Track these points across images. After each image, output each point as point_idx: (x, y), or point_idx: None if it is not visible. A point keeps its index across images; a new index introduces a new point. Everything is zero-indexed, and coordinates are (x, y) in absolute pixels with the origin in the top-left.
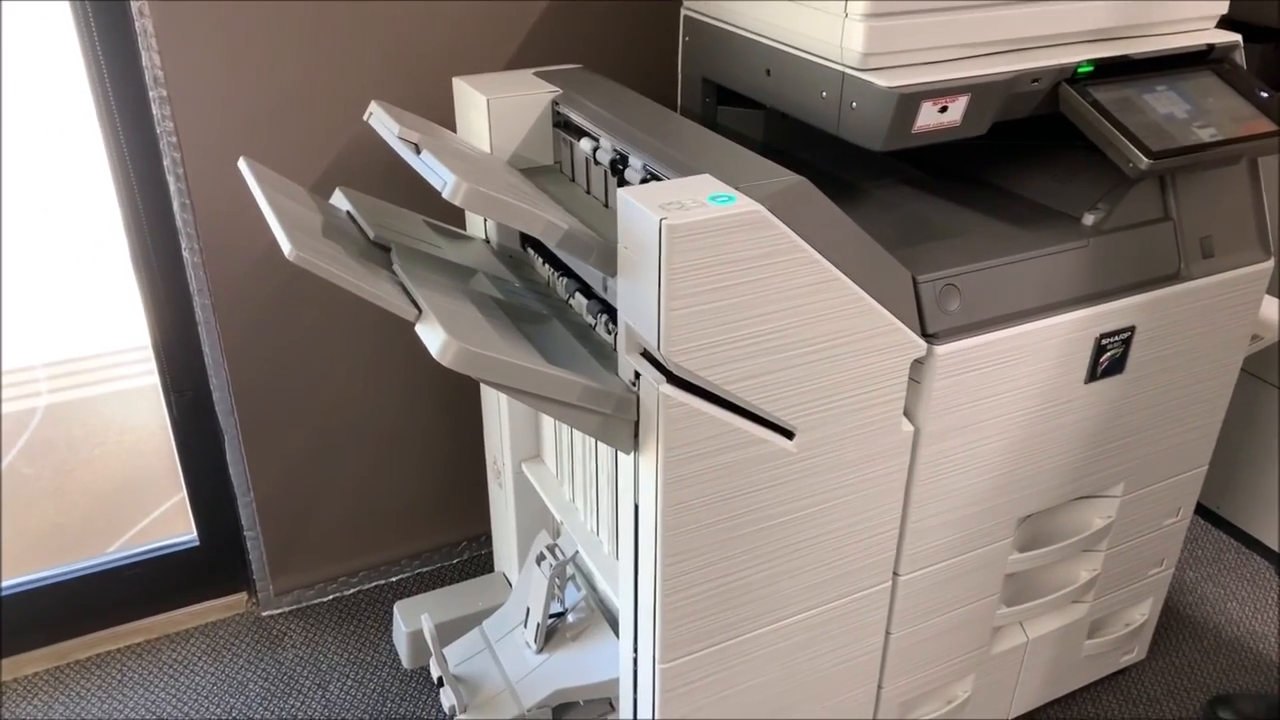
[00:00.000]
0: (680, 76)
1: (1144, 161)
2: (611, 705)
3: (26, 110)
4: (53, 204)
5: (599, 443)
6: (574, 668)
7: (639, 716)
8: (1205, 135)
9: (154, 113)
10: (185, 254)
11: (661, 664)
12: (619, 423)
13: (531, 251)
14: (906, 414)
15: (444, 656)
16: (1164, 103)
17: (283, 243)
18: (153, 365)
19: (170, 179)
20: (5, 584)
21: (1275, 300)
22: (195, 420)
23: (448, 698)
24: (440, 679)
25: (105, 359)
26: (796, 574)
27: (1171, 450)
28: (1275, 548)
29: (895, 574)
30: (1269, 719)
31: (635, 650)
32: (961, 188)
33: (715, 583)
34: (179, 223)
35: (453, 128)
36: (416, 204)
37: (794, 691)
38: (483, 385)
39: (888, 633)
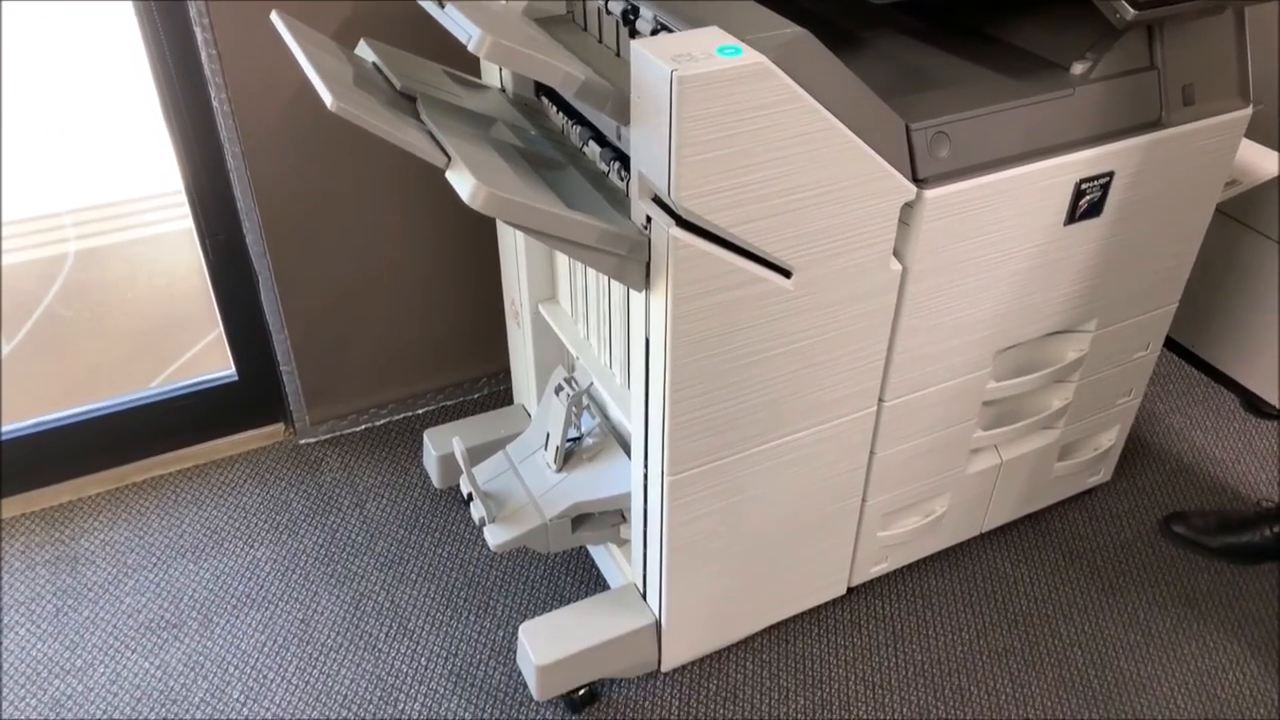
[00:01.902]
0: None
1: (1130, 12)
2: (623, 516)
3: None
4: (80, 53)
5: (611, 284)
6: (590, 483)
7: (649, 524)
8: None
9: None
10: (214, 103)
11: (669, 476)
12: (632, 263)
13: (546, 100)
14: (896, 254)
15: (473, 475)
16: None
17: (324, 95)
18: (176, 211)
19: (197, 29)
20: (63, 414)
21: (1267, 151)
22: (229, 263)
23: (478, 510)
24: (470, 495)
25: (127, 205)
26: (790, 399)
27: (1144, 289)
28: (1242, 382)
29: (880, 400)
30: (1218, 532)
31: (646, 465)
32: (957, 37)
33: (717, 407)
34: (207, 72)
35: None
36: (428, 52)
37: (787, 502)
38: (500, 232)
39: (872, 452)
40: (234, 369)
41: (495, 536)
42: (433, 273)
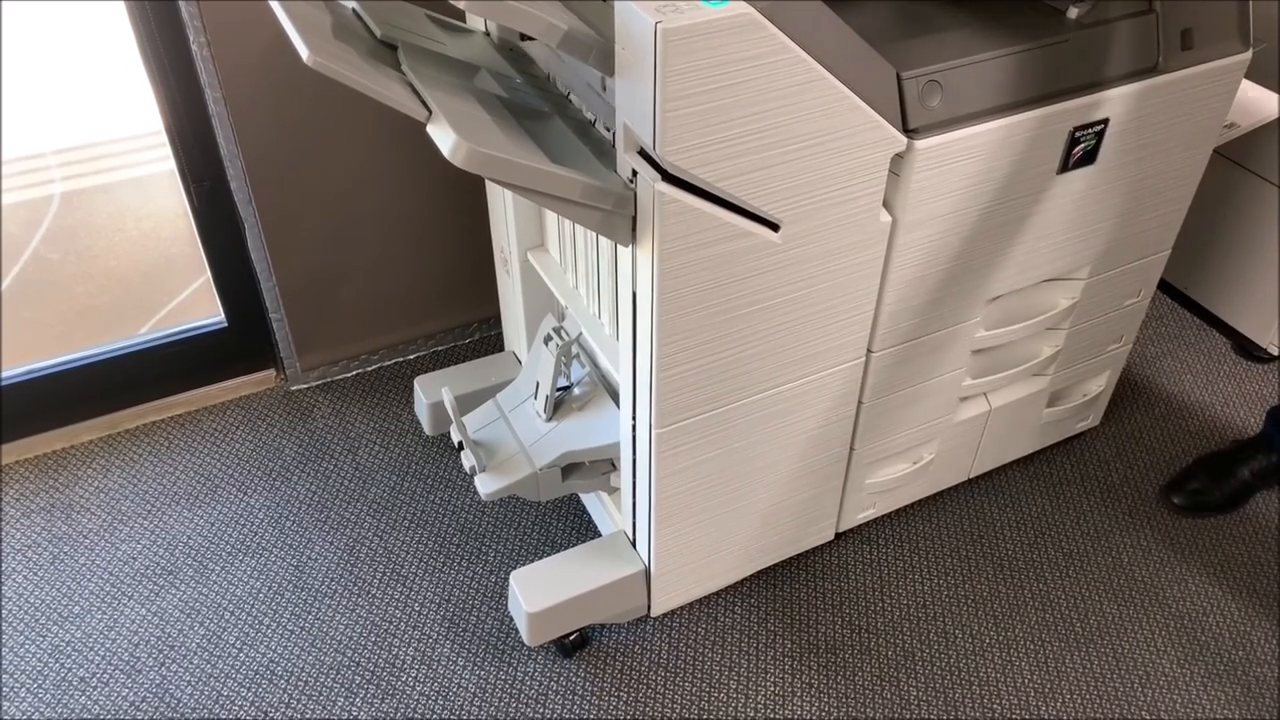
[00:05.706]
0: None
1: None
2: (614, 465)
3: None
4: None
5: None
6: (580, 433)
7: (637, 474)
8: None
9: None
10: (193, 46)
11: (657, 429)
12: (618, 218)
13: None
14: (885, 205)
15: (463, 424)
16: None
17: (300, 49)
18: (161, 152)
19: None
20: (55, 360)
21: (1266, 93)
22: (215, 209)
23: (468, 459)
24: (460, 444)
25: (114, 146)
26: (778, 352)
27: (1137, 235)
28: (1234, 325)
29: (869, 351)
30: (1214, 486)
31: (634, 418)
32: None
33: (705, 360)
34: (185, 15)
35: None
36: None
37: (774, 452)
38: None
39: (860, 402)
40: (223, 316)
41: (486, 486)
42: (423, 216)
